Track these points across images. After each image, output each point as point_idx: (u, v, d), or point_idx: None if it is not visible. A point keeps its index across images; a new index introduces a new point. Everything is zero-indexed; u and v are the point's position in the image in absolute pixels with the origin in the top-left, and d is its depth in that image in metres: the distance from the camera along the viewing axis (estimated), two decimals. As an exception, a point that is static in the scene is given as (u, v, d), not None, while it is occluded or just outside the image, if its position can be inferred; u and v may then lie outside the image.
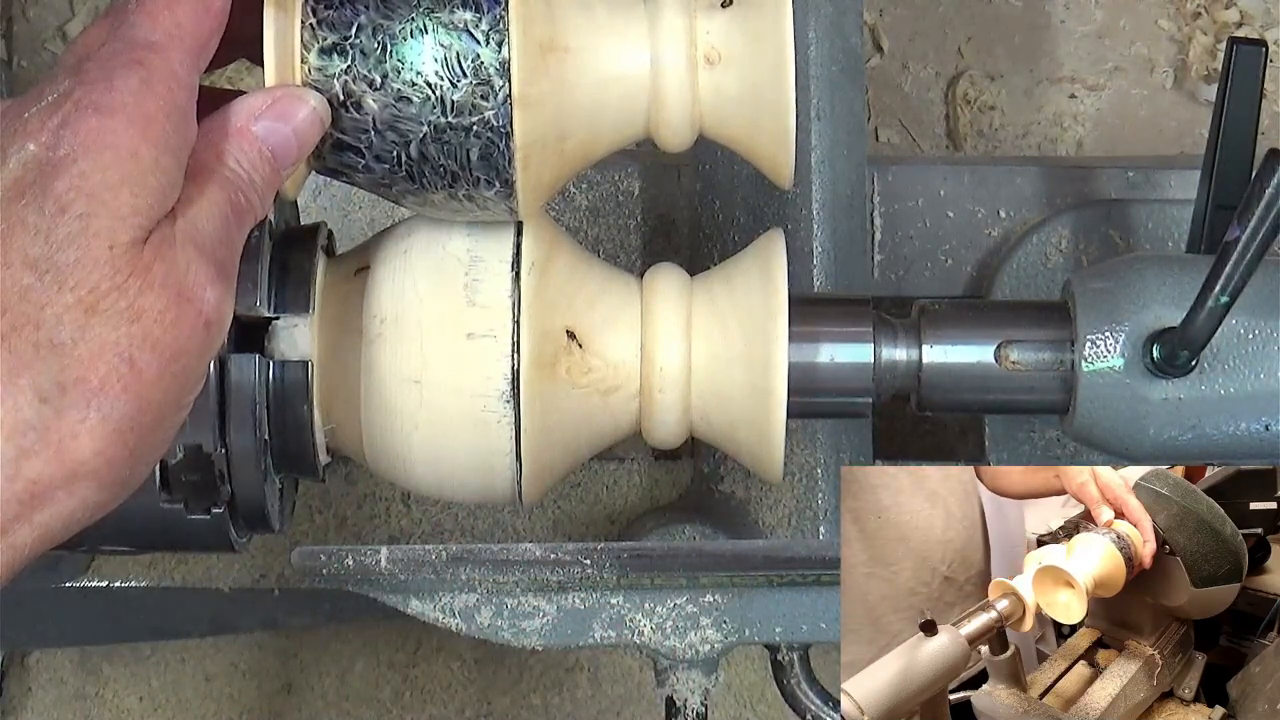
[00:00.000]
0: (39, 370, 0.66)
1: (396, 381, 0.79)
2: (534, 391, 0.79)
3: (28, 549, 0.67)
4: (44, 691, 1.33)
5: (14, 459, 0.66)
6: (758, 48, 0.77)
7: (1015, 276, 1.12)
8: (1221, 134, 0.90)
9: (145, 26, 0.70)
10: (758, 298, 0.82)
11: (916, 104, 1.39)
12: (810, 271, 1.08)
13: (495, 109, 0.75)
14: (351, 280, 0.81)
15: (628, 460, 1.17)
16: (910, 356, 0.85)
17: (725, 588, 1.02)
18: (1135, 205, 1.13)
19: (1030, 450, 1.11)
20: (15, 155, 0.68)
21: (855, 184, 1.09)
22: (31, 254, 0.67)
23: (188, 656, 1.32)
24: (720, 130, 0.79)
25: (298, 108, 0.74)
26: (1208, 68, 1.37)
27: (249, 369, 0.78)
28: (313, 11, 0.75)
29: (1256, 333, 0.84)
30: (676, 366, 0.81)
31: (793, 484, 1.08)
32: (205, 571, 1.11)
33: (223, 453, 0.78)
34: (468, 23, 0.74)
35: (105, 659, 1.32)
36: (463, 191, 0.77)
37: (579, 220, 1.15)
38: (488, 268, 0.80)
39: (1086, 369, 0.84)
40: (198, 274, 0.69)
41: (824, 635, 1.02)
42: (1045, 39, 1.38)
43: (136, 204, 0.68)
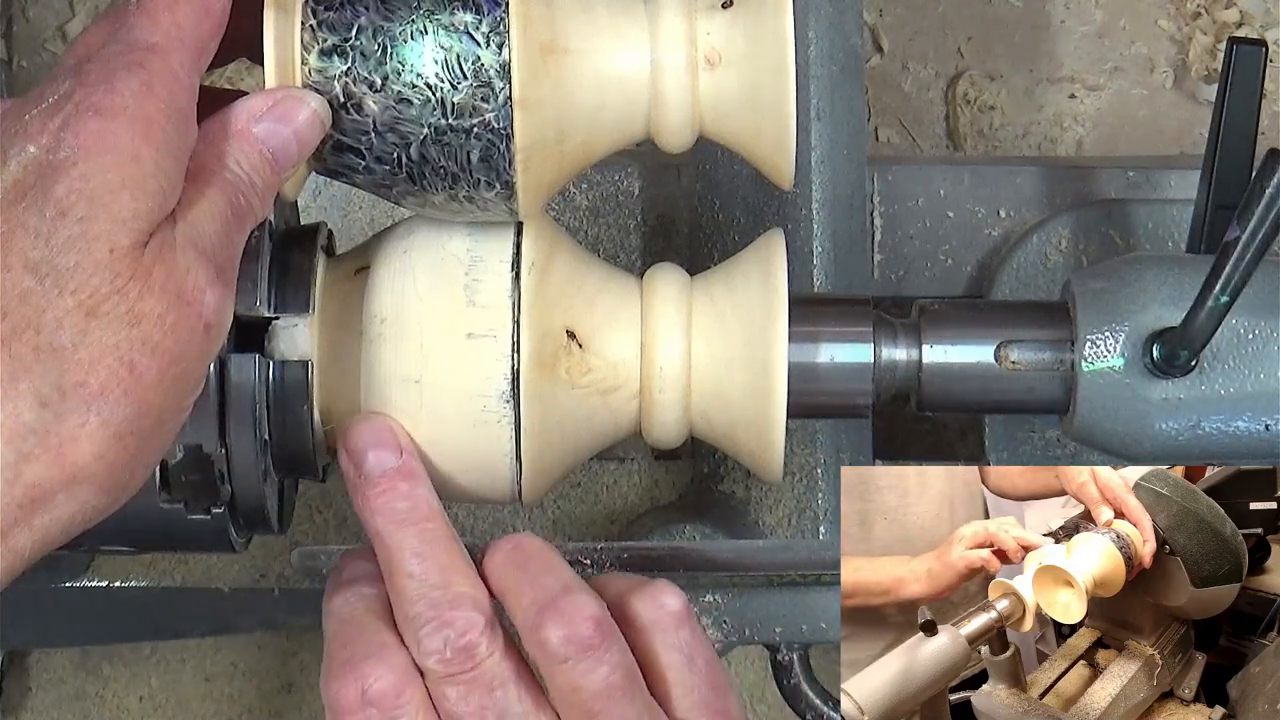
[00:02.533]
0: (39, 374, 0.66)
1: (396, 381, 0.79)
2: (534, 391, 0.79)
3: (27, 552, 0.67)
4: (44, 691, 1.33)
5: (14, 463, 0.66)
6: (758, 49, 0.77)
7: (1015, 276, 1.12)
8: (1221, 134, 0.90)
9: (145, 28, 0.70)
10: (758, 298, 0.82)
11: (916, 104, 1.39)
12: (810, 271, 1.08)
13: (496, 111, 0.75)
14: (351, 280, 0.81)
15: (628, 460, 1.17)
16: (910, 356, 0.85)
17: (725, 588, 1.02)
18: (1135, 205, 1.13)
19: (1030, 450, 1.11)
20: (15, 157, 0.68)
21: (855, 184, 1.09)
22: (32, 257, 0.67)
23: (188, 656, 1.32)
24: (720, 131, 0.79)
25: (298, 110, 0.74)
26: (1208, 68, 1.37)
27: (249, 369, 0.78)
28: (313, 13, 0.75)
29: (1256, 333, 0.84)
30: (676, 366, 0.81)
31: (793, 484, 1.08)
32: (205, 571, 1.11)
33: (223, 453, 0.78)
34: (468, 25, 0.74)
35: (105, 659, 1.32)
36: (463, 193, 0.77)
37: (579, 220, 1.15)
38: (488, 268, 0.80)
39: (1086, 369, 0.84)
40: (198, 277, 0.69)
41: (824, 635, 1.03)
42: (1045, 39, 1.38)
43: (137, 207, 0.67)
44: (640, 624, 0.77)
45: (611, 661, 0.74)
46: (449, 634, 0.74)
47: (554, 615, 0.74)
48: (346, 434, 0.78)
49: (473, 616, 0.74)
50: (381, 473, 0.77)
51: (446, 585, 0.75)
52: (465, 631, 0.74)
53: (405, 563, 0.75)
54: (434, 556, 0.76)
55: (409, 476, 0.77)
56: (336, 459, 0.79)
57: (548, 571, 0.76)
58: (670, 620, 0.77)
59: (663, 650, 0.77)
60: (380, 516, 0.77)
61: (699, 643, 0.78)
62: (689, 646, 0.77)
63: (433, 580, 0.75)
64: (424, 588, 0.75)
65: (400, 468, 0.77)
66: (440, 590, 0.75)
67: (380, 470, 0.77)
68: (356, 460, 0.78)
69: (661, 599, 0.77)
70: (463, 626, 0.74)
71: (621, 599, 0.77)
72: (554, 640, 0.74)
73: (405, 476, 0.77)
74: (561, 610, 0.74)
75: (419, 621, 0.74)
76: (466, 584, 0.75)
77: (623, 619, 0.76)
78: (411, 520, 0.76)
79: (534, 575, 0.76)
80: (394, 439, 0.78)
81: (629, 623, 0.77)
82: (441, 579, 0.75)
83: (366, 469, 0.78)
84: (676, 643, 0.77)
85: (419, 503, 0.77)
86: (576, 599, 0.75)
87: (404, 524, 0.76)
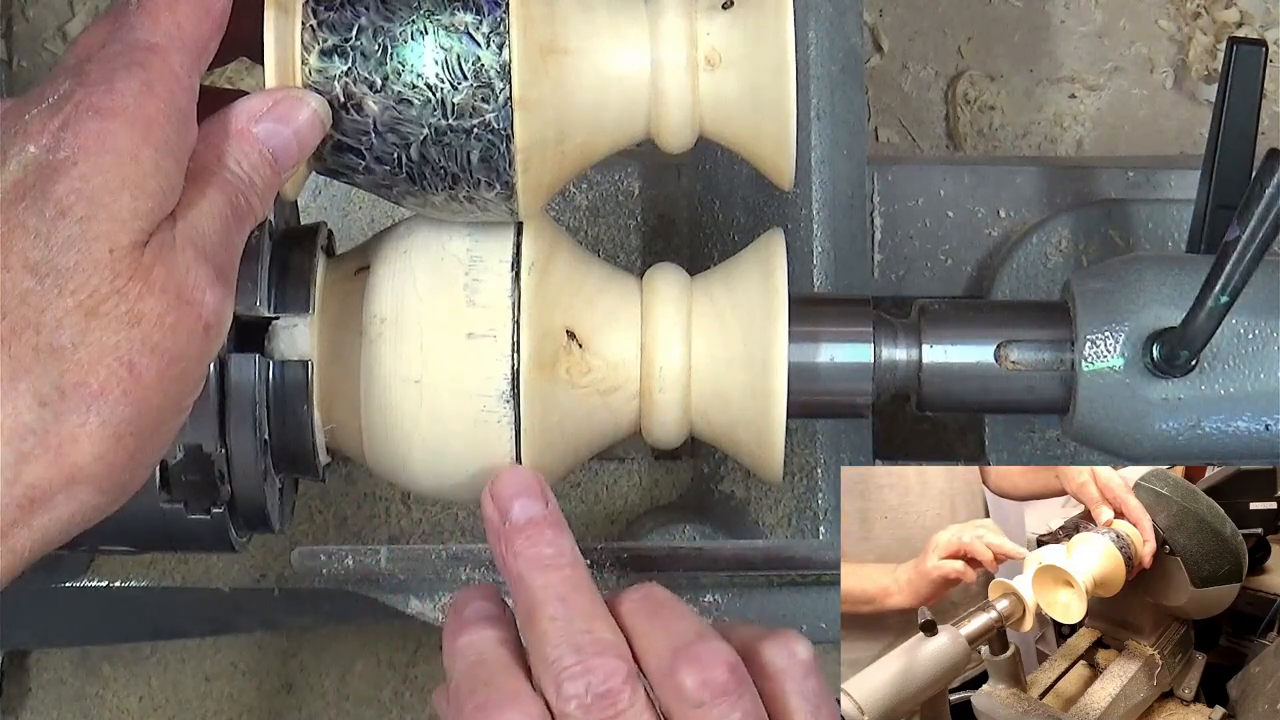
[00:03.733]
0: (39, 374, 0.66)
1: (396, 381, 0.79)
2: (534, 391, 0.79)
3: (27, 552, 0.67)
4: (44, 691, 1.33)
5: (13, 463, 0.66)
6: (758, 50, 0.77)
7: (1015, 276, 1.12)
8: (1221, 134, 0.90)
9: (146, 28, 0.70)
10: (758, 298, 0.82)
11: (916, 104, 1.39)
12: (810, 271, 1.08)
13: (496, 111, 0.75)
14: (351, 280, 0.81)
15: (628, 460, 1.17)
16: (910, 356, 0.85)
17: (725, 588, 1.02)
18: (1135, 205, 1.13)
19: (1030, 450, 1.11)
20: (15, 157, 0.68)
21: (855, 184, 1.09)
22: (31, 257, 0.67)
23: (188, 656, 1.32)
24: (720, 132, 0.79)
25: (298, 110, 0.74)
26: (1208, 68, 1.37)
27: (249, 369, 0.78)
28: (313, 13, 0.75)
29: (1256, 333, 0.84)
30: (676, 366, 0.81)
31: (793, 484, 1.08)
32: (205, 571, 1.11)
33: (223, 453, 0.78)
34: (468, 25, 0.74)
35: (105, 659, 1.32)
36: (463, 193, 0.77)
37: (579, 220, 1.15)
38: (488, 268, 0.80)
39: (1086, 369, 0.84)
40: (197, 277, 0.69)
41: (824, 635, 1.03)
42: (1045, 39, 1.38)
43: (137, 207, 0.67)
44: (770, 671, 0.77)
45: (744, 708, 0.74)
46: (591, 680, 0.73)
47: (689, 660, 0.74)
48: (494, 482, 0.78)
49: (616, 664, 0.74)
50: (528, 519, 0.77)
51: (590, 631, 0.74)
52: (608, 678, 0.73)
53: (549, 605, 0.75)
54: (577, 603, 0.75)
55: (555, 525, 0.77)
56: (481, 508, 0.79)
57: (680, 618, 0.76)
58: (800, 669, 0.77)
59: (791, 698, 0.76)
60: (524, 561, 0.76)
61: (824, 693, 0.77)
62: (816, 696, 0.77)
63: (577, 625, 0.74)
64: (568, 632, 0.74)
65: (547, 516, 0.78)
66: (584, 635, 0.74)
67: (526, 517, 0.77)
68: (502, 507, 0.78)
69: (793, 647, 0.77)
70: (605, 673, 0.73)
71: (752, 645, 0.77)
72: (689, 685, 0.73)
73: (551, 525, 0.77)
74: (698, 656, 0.74)
75: (560, 665, 0.74)
76: (609, 632, 0.75)
77: (753, 665, 0.76)
78: (556, 566, 0.76)
79: (667, 621, 0.76)
80: (540, 489, 0.78)
81: (759, 670, 0.76)
82: (585, 625, 0.75)
83: (513, 516, 0.77)
84: (804, 690, 0.77)
85: (564, 550, 0.77)
86: (712, 645, 0.74)
87: (549, 569, 0.76)
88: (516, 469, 0.79)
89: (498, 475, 0.78)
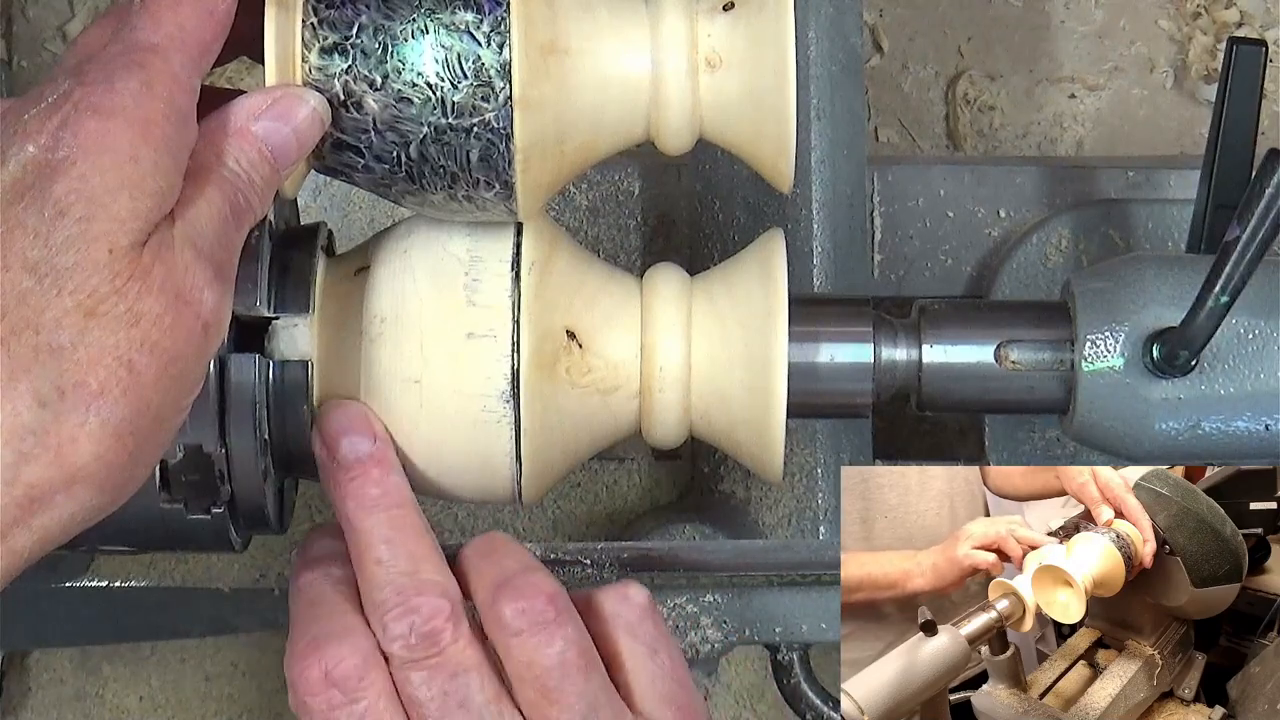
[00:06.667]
0: (38, 374, 0.66)
1: (396, 381, 0.79)
2: (534, 391, 0.79)
3: (26, 553, 0.67)
4: (44, 691, 1.33)
5: (13, 463, 0.66)
6: (759, 52, 0.77)
7: (1015, 276, 1.12)
8: (1221, 134, 0.90)
9: (147, 29, 0.70)
10: (758, 298, 0.82)
11: (916, 104, 1.39)
12: (810, 271, 1.08)
13: (496, 111, 0.75)
14: (351, 280, 0.81)
15: (628, 460, 1.17)
16: (910, 356, 0.85)
17: (725, 588, 1.02)
18: (1135, 205, 1.13)
19: (1030, 450, 1.11)
20: (15, 157, 0.68)
21: (855, 184, 1.09)
22: (31, 257, 0.67)
23: (188, 656, 1.32)
24: (721, 133, 0.79)
25: (298, 108, 0.74)
26: (1208, 68, 1.37)
27: (249, 369, 0.78)
28: (314, 11, 0.75)
29: (1256, 333, 0.84)
30: (676, 366, 0.81)
31: (793, 484, 1.08)
32: (205, 571, 1.11)
33: (223, 453, 0.78)
34: (469, 24, 0.74)
35: (105, 659, 1.32)
36: (462, 192, 0.77)
37: (579, 220, 1.15)
38: (488, 268, 0.80)
39: (1086, 369, 0.84)
40: (196, 276, 0.69)
41: (824, 635, 1.03)
42: (1045, 39, 1.38)
43: (136, 207, 0.67)
44: (603, 615, 0.78)
45: (567, 637, 0.75)
46: (414, 620, 0.75)
47: (510, 591, 0.75)
48: (321, 419, 0.79)
49: (438, 603, 0.75)
50: (355, 458, 0.78)
51: (414, 572, 0.76)
52: (430, 618, 0.75)
53: (374, 548, 0.76)
54: (403, 543, 0.76)
55: (381, 463, 0.78)
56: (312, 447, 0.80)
57: (510, 556, 0.78)
58: (634, 613, 0.78)
59: (625, 641, 0.78)
60: (351, 501, 0.77)
61: (663, 636, 0.79)
62: (652, 639, 0.78)
63: (400, 567, 0.76)
64: (391, 574, 0.76)
65: (373, 454, 0.78)
66: (407, 577, 0.76)
67: (354, 456, 0.78)
68: (330, 445, 0.78)
69: (626, 592, 0.79)
70: (428, 613, 0.75)
71: (588, 596, 0.79)
72: (508, 614, 0.75)
73: (377, 463, 0.78)
74: (518, 586, 0.75)
75: (385, 607, 0.75)
76: (434, 571, 0.76)
77: (587, 612, 0.78)
78: (382, 506, 0.77)
79: (498, 559, 0.77)
80: (368, 425, 0.78)
81: (593, 614, 0.78)
82: (409, 565, 0.76)
83: (340, 454, 0.78)
84: (640, 634, 0.78)
85: (390, 489, 0.77)
86: (534, 577, 0.76)
87: (374, 510, 0.77)
88: (345, 403, 0.79)
89: (324, 410, 0.79)
